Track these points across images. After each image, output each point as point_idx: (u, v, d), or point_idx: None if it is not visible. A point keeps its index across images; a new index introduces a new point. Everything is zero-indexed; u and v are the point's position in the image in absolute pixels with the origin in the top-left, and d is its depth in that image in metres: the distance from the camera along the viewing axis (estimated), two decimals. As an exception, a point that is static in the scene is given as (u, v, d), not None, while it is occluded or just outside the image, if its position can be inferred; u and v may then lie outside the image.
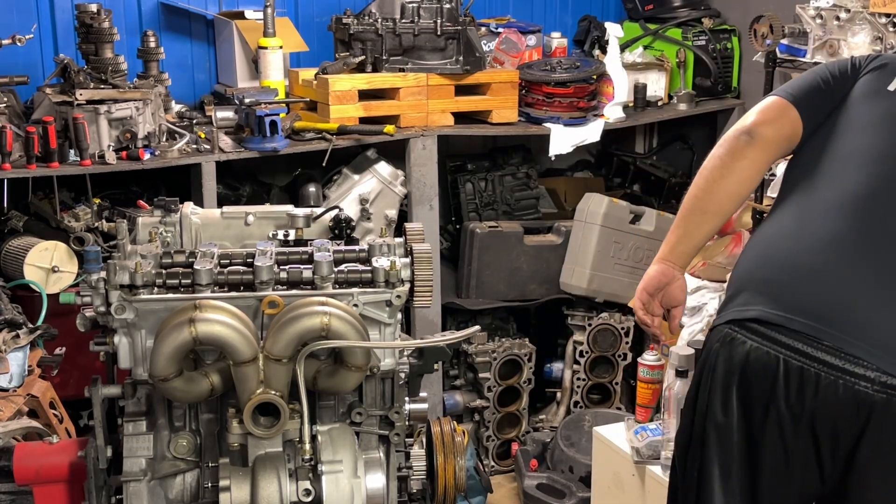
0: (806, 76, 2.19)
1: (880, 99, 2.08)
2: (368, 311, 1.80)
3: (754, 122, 2.10)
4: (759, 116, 2.11)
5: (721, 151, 2.10)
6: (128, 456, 1.84)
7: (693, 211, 2.12)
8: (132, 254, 1.83)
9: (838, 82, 2.15)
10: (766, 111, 2.12)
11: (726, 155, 2.09)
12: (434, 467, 1.93)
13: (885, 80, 2.10)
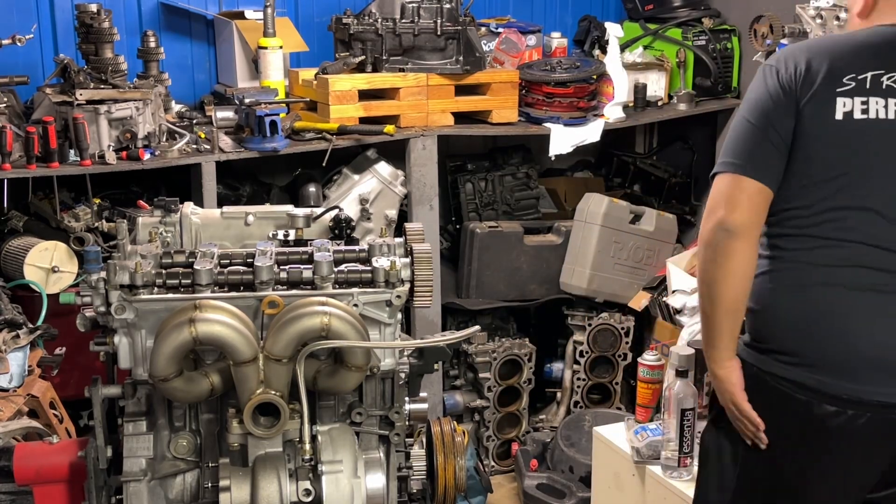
0: (740, 132, 2.08)
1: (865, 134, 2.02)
2: (368, 311, 1.80)
3: (724, 216, 2.03)
4: (726, 208, 2.03)
5: (710, 254, 2.06)
6: (128, 456, 1.84)
7: (718, 316, 2.08)
8: (132, 254, 1.83)
9: (778, 120, 2.04)
10: (728, 198, 2.03)
11: (718, 257, 2.04)
12: (434, 467, 1.93)
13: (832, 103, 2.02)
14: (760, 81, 2.09)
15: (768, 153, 2.04)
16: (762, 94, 2.07)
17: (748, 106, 2.10)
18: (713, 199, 2.07)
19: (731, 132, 2.11)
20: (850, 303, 1.99)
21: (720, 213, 2.03)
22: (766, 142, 2.04)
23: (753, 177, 2.03)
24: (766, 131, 2.04)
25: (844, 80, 2.02)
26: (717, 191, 2.06)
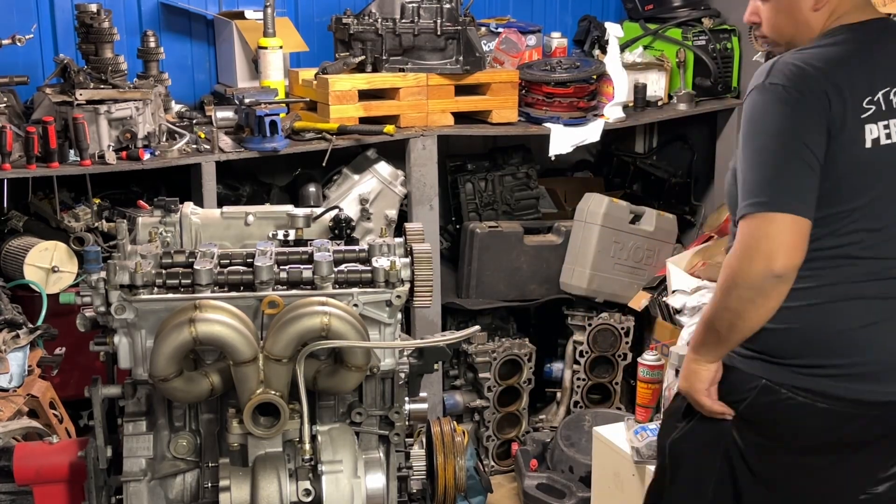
0: (773, 162, 1.94)
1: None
2: (368, 311, 1.80)
3: (779, 265, 1.91)
4: (782, 255, 1.91)
5: (749, 295, 1.95)
6: (128, 456, 1.84)
7: (733, 339, 2.03)
8: (132, 254, 1.83)
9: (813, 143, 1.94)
10: (783, 245, 1.91)
11: (758, 298, 1.95)
12: (434, 467, 1.93)
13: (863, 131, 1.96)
14: (776, 103, 1.95)
15: (808, 182, 1.94)
16: (785, 116, 1.95)
17: (770, 132, 1.95)
18: (764, 243, 1.91)
19: (759, 164, 1.94)
20: (871, 312, 2.01)
21: (775, 262, 1.91)
22: (803, 169, 1.93)
23: (802, 213, 1.92)
24: (801, 156, 1.93)
25: (864, 105, 1.98)
26: (767, 234, 1.91)
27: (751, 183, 1.95)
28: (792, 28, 2.08)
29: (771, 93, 1.96)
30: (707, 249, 4.13)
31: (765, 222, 1.91)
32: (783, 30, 2.10)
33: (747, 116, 2.00)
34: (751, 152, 1.96)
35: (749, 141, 1.97)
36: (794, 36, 2.08)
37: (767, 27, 2.11)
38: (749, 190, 1.95)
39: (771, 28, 2.11)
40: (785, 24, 2.08)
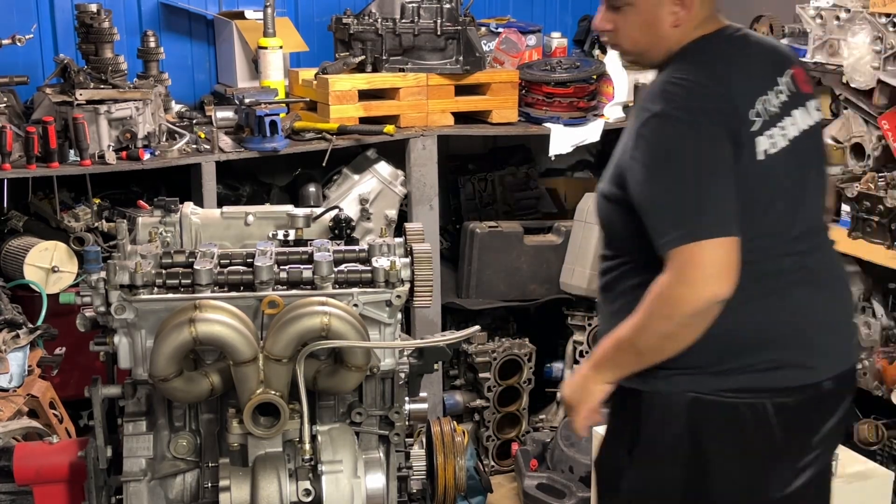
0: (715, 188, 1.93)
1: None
2: (368, 311, 1.80)
3: (724, 291, 1.91)
4: (724, 281, 1.91)
5: (695, 322, 1.93)
6: (128, 456, 1.84)
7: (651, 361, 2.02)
8: (132, 254, 1.83)
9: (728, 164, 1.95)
10: (726, 269, 1.91)
11: (701, 324, 1.94)
12: (434, 467, 1.93)
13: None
14: (682, 130, 1.94)
15: (731, 200, 1.95)
16: (695, 141, 1.94)
17: (683, 160, 1.93)
18: (707, 270, 1.90)
19: (682, 193, 1.93)
20: (782, 308, 2.04)
21: (721, 287, 1.90)
22: (724, 188, 1.94)
23: (734, 233, 1.93)
24: (718, 176, 1.95)
25: (752, 118, 1.99)
26: (707, 261, 1.90)
27: (676, 213, 1.93)
28: (649, 42, 2.06)
29: (674, 120, 1.94)
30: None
31: (703, 250, 1.90)
32: (640, 42, 2.07)
33: (652, 145, 1.95)
34: (669, 182, 1.94)
35: (661, 170, 1.95)
36: (650, 49, 2.06)
37: (623, 38, 2.07)
38: (676, 220, 1.93)
39: (627, 39, 2.07)
40: (643, 37, 2.05)
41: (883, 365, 3.16)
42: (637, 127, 1.98)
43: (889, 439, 3.22)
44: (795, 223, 2.05)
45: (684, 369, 2.03)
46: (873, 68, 3.26)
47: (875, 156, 3.44)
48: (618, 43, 2.09)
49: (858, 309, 3.40)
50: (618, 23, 2.05)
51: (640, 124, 1.97)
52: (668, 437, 2.09)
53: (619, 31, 2.06)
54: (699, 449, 2.07)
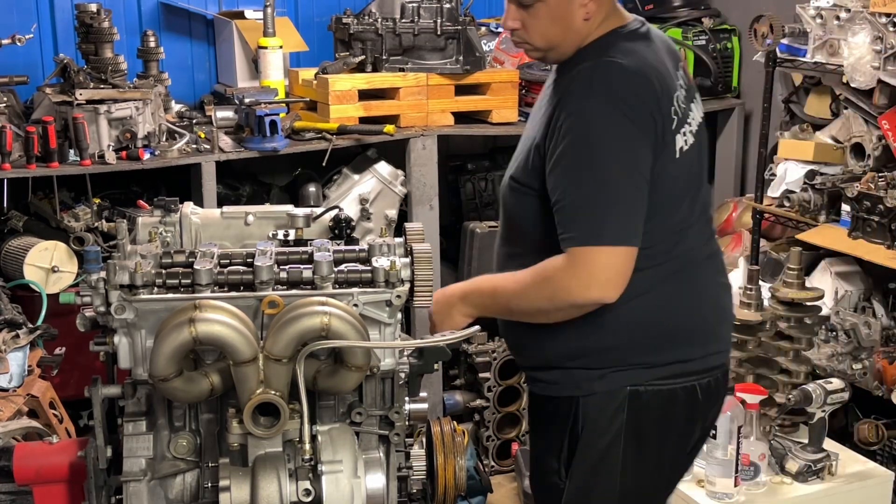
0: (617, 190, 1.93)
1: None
2: (368, 311, 1.80)
3: (617, 294, 1.95)
4: (613, 288, 1.94)
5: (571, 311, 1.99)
6: (128, 456, 1.84)
7: (512, 318, 2.13)
8: (132, 254, 1.83)
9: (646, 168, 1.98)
10: (621, 276, 1.94)
11: (575, 314, 1.99)
12: (434, 467, 1.92)
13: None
14: (620, 122, 1.93)
15: (642, 212, 1.96)
16: (628, 139, 1.94)
17: (612, 158, 1.93)
18: (605, 273, 1.92)
19: (604, 193, 1.93)
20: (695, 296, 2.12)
21: (610, 292, 1.94)
22: (640, 198, 1.96)
23: (637, 244, 1.95)
24: (639, 185, 1.95)
25: (672, 115, 2.02)
26: (608, 265, 1.92)
27: (586, 211, 1.94)
28: (561, 36, 2.05)
29: (603, 114, 1.94)
30: (707, 249, 4.12)
31: (601, 254, 1.92)
32: (553, 38, 2.06)
33: (578, 136, 1.94)
34: (586, 177, 1.94)
35: (581, 164, 1.95)
36: (561, 44, 2.06)
37: (535, 34, 2.06)
38: (583, 218, 1.94)
39: (539, 35, 2.06)
40: (556, 32, 2.04)
41: (883, 365, 3.17)
42: (562, 115, 1.97)
43: (889, 439, 3.23)
44: (703, 213, 2.14)
45: (620, 366, 2.07)
46: (873, 68, 3.26)
47: (875, 156, 3.44)
48: (528, 40, 2.09)
49: (859, 309, 3.40)
50: (527, 20, 2.05)
51: (568, 113, 1.96)
52: (607, 438, 2.10)
53: (530, 28, 2.06)
54: (639, 440, 2.09)
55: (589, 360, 2.08)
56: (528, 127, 2.16)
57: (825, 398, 2.81)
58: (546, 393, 2.15)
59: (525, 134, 2.16)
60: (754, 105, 4.35)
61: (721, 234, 4.17)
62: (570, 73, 2.03)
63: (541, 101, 2.14)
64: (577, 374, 2.08)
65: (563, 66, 2.10)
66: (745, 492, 2.75)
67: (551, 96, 2.07)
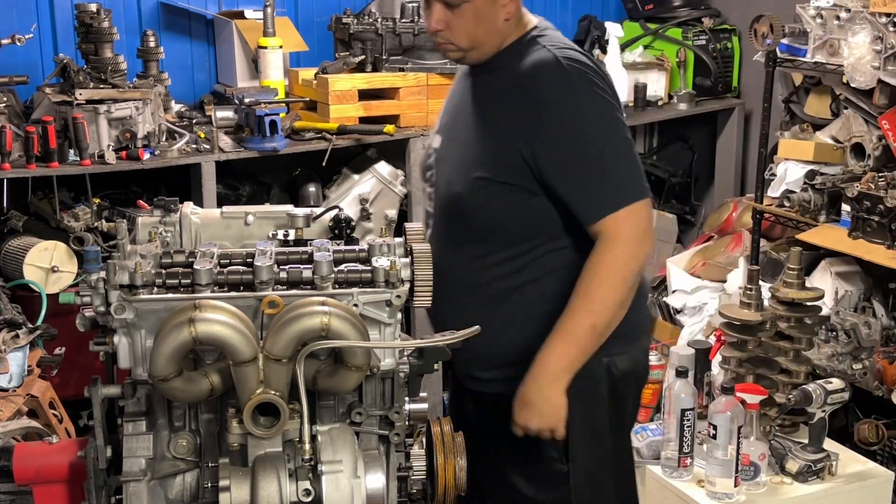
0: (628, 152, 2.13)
1: None
2: (368, 311, 1.80)
3: (650, 248, 2.13)
4: (651, 239, 2.14)
5: (635, 281, 2.11)
6: (127, 456, 1.83)
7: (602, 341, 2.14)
8: (132, 254, 1.83)
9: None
10: (650, 228, 2.14)
11: (636, 285, 2.13)
12: (434, 467, 1.92)
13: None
14: (605, 101, 2.10)
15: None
16: (615, 111, 2.12)
17: (612, 128, 2.10)
18: (641, 230, 2.08)
19: (616, 152, 2.09)
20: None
21: (652, 243, 2.12)
22: (637, 155, 2.17)
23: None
24: (633, 145, 2.16)
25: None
26: (642, 220, 2.08)
27: (617, 173, 2.09)
28: (485, 36, 2.14)
29: (595, 91, 2.09)
30: (707, 249, 4.13)
31: (643, 209, 2.08)
32: (477, 37, 2.14)
33: (580, 116, 2.07)
34: (606, 147, 2.08)
35: (593, 138, 2.08)
36: (485, 43, 2.15)
37: (460, 34, 2.14)
38: (618, 180, 2.08)
39: (464, 35, 2.14)
40: (480, 32, 2.13)
41: (883, 365, 3.17)
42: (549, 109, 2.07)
43: (889, 439, 3.23)
44: None
45: (623, 342, 2.21)
46: (873, 68, 3.26)
47: (875, 156, 3.44)
48: (452, 41, 2.15)
49: (859, 309, 3.40)
50: (452, 21, 2.12)
51: (556, 106, 2.07)
52: (597, 410, 2.22)
53: (455, 29, 2.14)
54: (617, 408, 2.25)
55: None
56: (468, 127, 2.20)
57: (825, 398, 2.81)
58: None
59: (465, 134, 2.20)
60: (754, 105, 4.35)
61: (721, 234, 4.18)
62: (514, 71, 2.12)
63: (475, 102, 2.20)
64: None
65: (487, 65, 2.18)
66: (745, 492, 2.74)
67: (501, 95, 2.14)
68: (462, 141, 2.21)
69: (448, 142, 2.25)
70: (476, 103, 2.20)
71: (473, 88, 2.21)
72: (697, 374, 3.07)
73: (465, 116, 2.22)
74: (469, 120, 2.20)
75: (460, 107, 2.24)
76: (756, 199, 3.79)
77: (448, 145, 2.25)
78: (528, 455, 2.27)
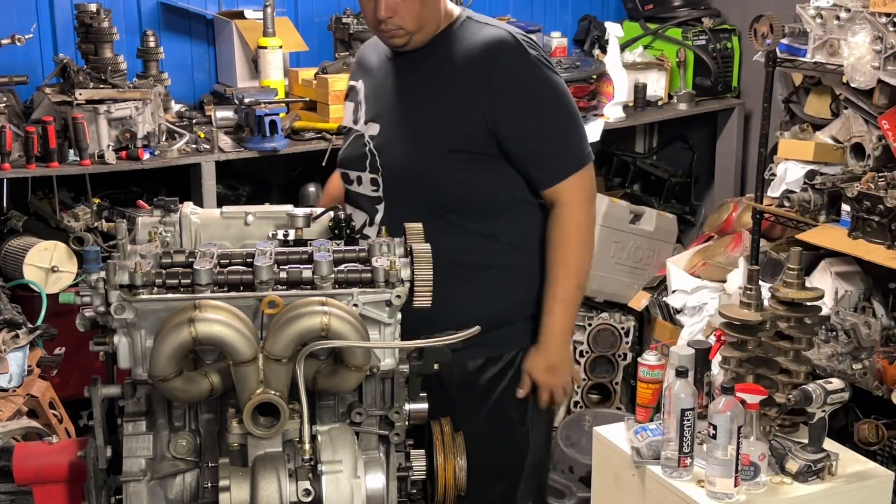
0: (578, 120, 2.38)
1: None
2: (368, 311, 1.80)
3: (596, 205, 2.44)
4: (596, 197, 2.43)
5: (591, 241, 2.42)
6: (127, 456, 1.83)
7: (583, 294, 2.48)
8: (132, 254, 1.83)
9: None
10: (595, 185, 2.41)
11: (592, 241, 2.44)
12: (434, 467, 1.92)
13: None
14: (550, 65, 2.33)
15: None
16: (559, 77, 2.36)
17: (565, 99, 2.34)
18: (592, 190, 2.36)
19: (571, 120, 2.34)
20: None
21: (595, 204, 2.39)
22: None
23: None
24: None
25: None
26: (591, 181, 2.35)
27: (573, 139, 2.34)
28: (430, 19, 2.30)
29: (546, 66, 2.32)
30: (707, 249, 4.12)
31: (590, 171, 2.34)
32: (423, 20, 2.29)
33: (541, 86, 2.29)
34: (563, 115, 2.33)
35: (552, 107, 2.31)
36: (429, 25, 2.30)
37: (409, 18, 2.27)
38: (574, 145, 2.33)
39: (412, 18, 2.27)
40: (426, 15, 2.29)
41: (883, 365, 3.17)
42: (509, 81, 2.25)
43: (889, 439, 3.23)
44: None
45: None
46: (873, 68, 3.26)
47: (875, 156, 3.44)
48: (401, 25, 2.29)
49: (859, 309, 3.40)
50: (400, 6, 2.26)
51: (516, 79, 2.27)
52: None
53: (404, 13, 2.27)
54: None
55: (535, 309, 2.38)
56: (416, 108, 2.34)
57: (825, 398, 2.80)
58: (493, 354, 2.38)
59: (414, 115, 2.34)
60: (754, 105, 4.35)
61: (721, 234, 4.18)
62: (465, 48, 2.29)
63: (418, 83, 2.34)
64: (522, 325, 2.40)
65: (426, 48, 2.33)
66: (745, 492, 2.74)
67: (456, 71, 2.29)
68: (411, 122, 2.33)
69: (390, 126, 2.36)
70: (421, 84, 2.33)
71: (410, 71, 2.35)
72: (697, 374, 3.06)
73: (406, 99, 2.35)
74: (416, 101, 2.33)
75: (394, 92, 2.37)
76: (756, 199, 3.79)
77: (392, 129, 2.35)
78: (490, 419, 2.43)
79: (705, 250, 4.11)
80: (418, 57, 2.35)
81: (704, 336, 3.56)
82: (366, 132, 2.41)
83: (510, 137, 2.27)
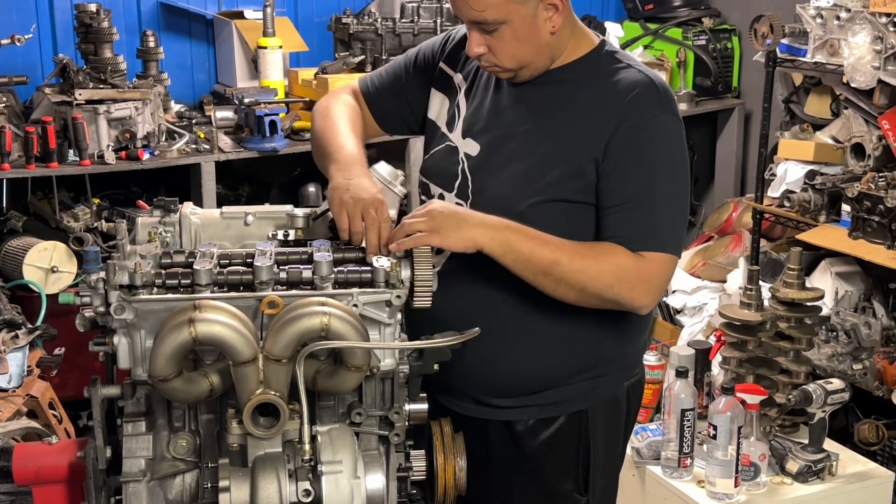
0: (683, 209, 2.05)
1: None
2: (368, 312, 1.80)
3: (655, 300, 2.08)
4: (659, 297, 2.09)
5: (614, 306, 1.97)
6: (127, 456, 1.83)
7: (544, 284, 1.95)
8: (131, 254, 1.83)
9: None
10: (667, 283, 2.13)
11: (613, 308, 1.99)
12: (434, 467, 1.92)
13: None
14: (682, 139, 2.00)
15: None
16: (685, 154, 2.02)
17: (684, 174, 2.00)
18: (660, 283, 1.97)
19: (681, 206, 2.00)
20: None
21: (655, 301, 1.99)
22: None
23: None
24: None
25: None
26: (666, 273, 1.97)
27: (674, 222, 1.99)
28: (532, 53, 1.97)
29: (678, 126, 2.00)
30: (707, 249, 4.13)
31: (671, 265, 1.97)
32: (522, 56, 1.98)
33: (668, 145, 1.98)
34: (675, 190, 1.99)
35: (674, 176, 1.98)
36: (534, 60, 1.99)
37: (503, 56, 1.97)
38: (671, 229, 1.98)
39: (508, 57, 1.97)
40: (525, 51, 1.97)
41: (883, 365, 3.17)
42: (636, 130, 1.95)
43: (889, 439, 3.23)
44: None
45: (618, 367, 2.12)
46: (874, 68, 3.26)
47: (875, 156, 3.44)
48: (497, 63, 1.99)
49: (859, 309, 3.40)
50: (493, 44, 1.96)
51: (646, 128, 1.95)
52: (616, 437, 2.19)
53: (497, 51, 1.97)
54: (632, 423, 2.24)
55: (600, 368, 2.06)
56: (528, 140, 2.02)
57: (825, 398, 2.81)
58: (545, 416, 2.08)
59: (525, 147, 2.02)
60: (754, 105, 4.35)
61: (721, 234, 4.17)
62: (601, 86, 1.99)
63: (538, 114, 2.03)
64: (584, 385, 2.07)
65: (552, 77, 2.03)
66: (746, 492, 2.74)
67: (586, 111, 1.99)
68: (519, 156, 2.02)
69: (492, 152, 2.06)
70: (541, 116, 2.03)
71: (530, 98, 2.04)
72: (697, 375, 3.06)
73: (517, 126, 2.04)
74: (529, 135, 2.02)
75: (504, 113, 2.06)
76: (756, 199, 3.79)
77: (494, 157, 2.06)
78: (541, 489, 2.15)
79: (705, 250, 4.12)
80: (536, 84, 2.04)
81: (704, 336, 3.55)
82: (461, 148, 2.13)
83: (609, 187, 1.96)
